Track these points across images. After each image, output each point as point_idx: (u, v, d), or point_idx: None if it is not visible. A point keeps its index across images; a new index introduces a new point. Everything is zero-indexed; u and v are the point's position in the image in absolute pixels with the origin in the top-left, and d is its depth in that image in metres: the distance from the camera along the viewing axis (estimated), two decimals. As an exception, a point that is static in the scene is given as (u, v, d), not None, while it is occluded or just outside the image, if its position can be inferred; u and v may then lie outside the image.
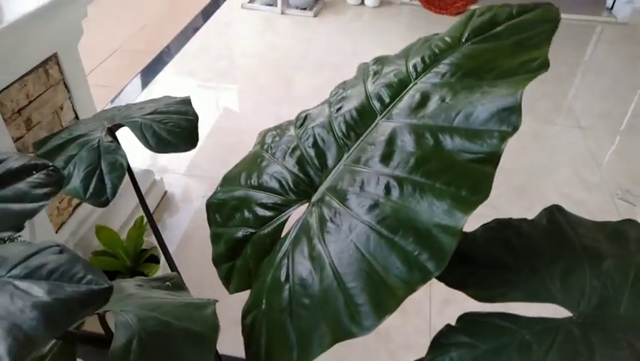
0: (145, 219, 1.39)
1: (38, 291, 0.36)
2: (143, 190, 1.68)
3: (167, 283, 0.73)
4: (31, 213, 0.44)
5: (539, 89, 2.54)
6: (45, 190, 0.46)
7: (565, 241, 0.61)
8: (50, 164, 0.49)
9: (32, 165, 0.48)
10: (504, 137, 0.48)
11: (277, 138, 0.74)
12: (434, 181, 0.50)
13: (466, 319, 0.57)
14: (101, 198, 0.80)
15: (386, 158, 0.56)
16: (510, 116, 0.49)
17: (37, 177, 0.47)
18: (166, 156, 2.07)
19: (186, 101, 0.94)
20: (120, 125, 0.93)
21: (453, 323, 0.56)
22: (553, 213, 0.64)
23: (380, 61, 0.72)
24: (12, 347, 0.32)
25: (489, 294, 0.58)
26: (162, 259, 1.45)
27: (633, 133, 2.30)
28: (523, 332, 0.53)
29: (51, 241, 0.40)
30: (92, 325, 0.63)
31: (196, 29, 3.14)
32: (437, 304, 1.47)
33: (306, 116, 0.73)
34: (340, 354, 1.12)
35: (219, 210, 0.74)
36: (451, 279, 0.60)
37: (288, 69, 2.72)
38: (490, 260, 0.61)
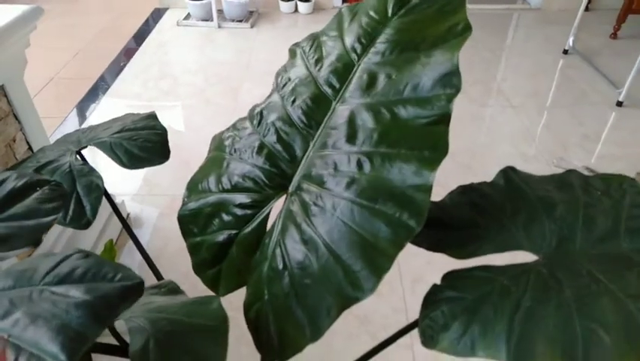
0: (114, 242, 1.37)
1: (76, 293, 0.38)
2: (106, 214, 1.64)
3: (164, 289, 0.74)
4: (46, 227, 0.45)
5: (470, 76, 2.72)
6: (53, 205, 0.48)
7: (522, 195, 0.69)
8: (52, 179, 0.50)
9: (35, 181, 0.49)
10: (450, 98, 0.56)
11: (237, 139, 0.76)
12: (399, 149, 0.56)
13: (450, 276, 0.64)
14: (82, 221, 0.80)
15: (351, 138, 0.61)
16: (451, 79, 0.56)
17: (41, 193, 0.49)
18: (119, 179, 2.03)
19: (152, 116, 0.96)
20: (84, 148, 0.93)
21: (420, 297, 0.62)
22: (508, 173, 0.72)
23: (314, 43, 0.75)
24: (65, 343, 0.34)
25: (465, 251, 0.65)
26: (137, 279, 1.43)
27: (558, 106, 2.52)
28: (500, 279, 0.60)
29: (74, 248, 0.42)
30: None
31: (132, 51, 3.09)
32: (408, 283, 1.55)
33: (261, 112, 0.76)
34: (325, 342, 1.17)
35: (193, 220, 0.74)
36: (429, 243, 0.66)
37: (232, 81, 2.74)
38: (461, 222, 0.68)
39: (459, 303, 0.59)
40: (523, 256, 0.64)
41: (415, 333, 0.72)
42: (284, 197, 0.67)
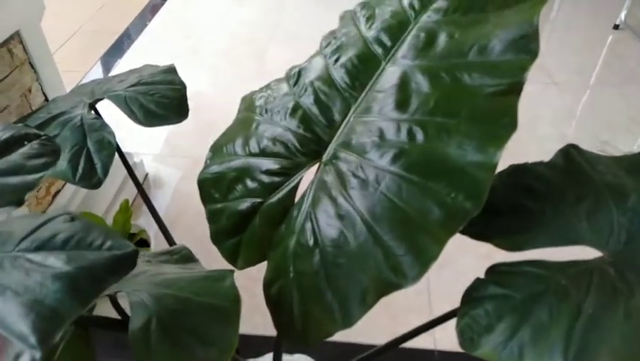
0: (130, 203, 1.33)
1: (55, 262, 0.31)
2: (123, 174, 1.60)
3: (176, 256, 0.68)
4: (31, 186, 0.39)
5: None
6: (42, 160, 0.41)
7: (585, 179, 0.59)
8: (42, 133, 0.44)
9: (22, 135, 0.43)
10: (524, 65, 0.47)
11: (270, 99, 0.69)
12: (459, 120, 0.48)
13: (495, 270, 0.56)
14: (92, 179, 0.74)
15: (402, 103, 0.53)
16: (528, 44, 0.48)
17: (30, 147, 0.42)
18: (139, 137, 1.99)
19: (171, 70, 0.88)
20: (98, 100, 0.86)
21: (449, 282, 0.55)
22: (570, 153, 0.62)
23: (368, 5, 0.68)
24: (37, 324, 0.28)
25: (516, 242, 0.56)
26: (152, 242, 1.39)
27: (605, 85, 2.34)
28: (557, 277, 0.51)
29: (59, 210, 0.36)
30: (101, 309, 0.59)
31: (158, 7, 3.00)
32: (434, 266, 1.48)
33: (299, 72, 0.68)
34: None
35: (216, 184, 0.68)
36: (475, 230, 0.58)
37: (259, 42, 2.63)
38: (512, 207, 0.59)
39: (506, 302, 0.51)
40: (582, 252, 0.56)
41: (436, 315, 0.66)
42: (317, 166, 0.59)
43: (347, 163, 0.54)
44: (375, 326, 1.31)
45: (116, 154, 0.77)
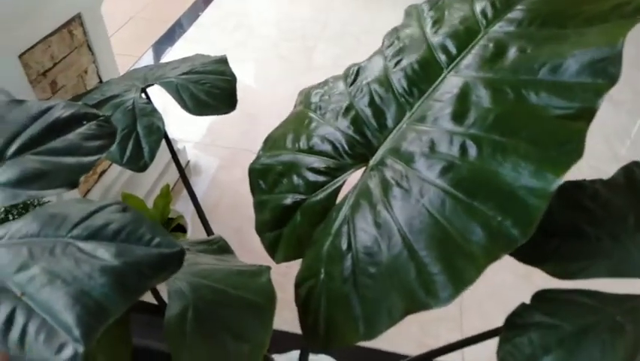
0: (170, 188, 1.35)
1: (105, 254, 0.31)
2: (166, 159, 1.63)
3: (214, 246, 0.68)
4: (86, 168, 0.39)
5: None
6: (99, 143, 0.41)
7: (651, 205, 0.55)
8: (101, 114, 0.44)
9: (82, 114, 0.43)
10: (600, 90, 0.43)
11: (326, 97, 0.68)
12: (518, 140, 0.45)
13: (542, 297, 0.52)
14: (139, 162, 0.75)
15: (459, 115, 0.51)
16: (607, 68, 0.44)
17: (88, 127, 0.42)
18: (183, 124, 2.02)
19: (223, 61, 0.89)
20: (149, 86, 0.87)
21: (483, 296, 0.52)
22: (633, 172, 0.58)
23: (437, 6, 0.65)
24: (82, 317, 0.28)
25: (568, 269, 0.53)
26: (189, 228, 1.41)
27: (666, 107, 2.21)
28: (611, 311, 0.48)
29: (111, 199, 0.36)
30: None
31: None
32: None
33: (357, 71, 0.67)
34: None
35: (263, 176, 0.69)
36: (522, 252, 0.54)
37: (308, 39, 2.63)
38: (565, 229, 0.56)
39: (553, 332, 0.48)
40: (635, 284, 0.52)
41: (465, 331, 0.63)
42: (362, 170, 0.58)
43: (393, 171, 0.52)
44: (402, 334, 1.29)
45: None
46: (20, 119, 0.42)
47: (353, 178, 0.61)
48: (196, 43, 2.61)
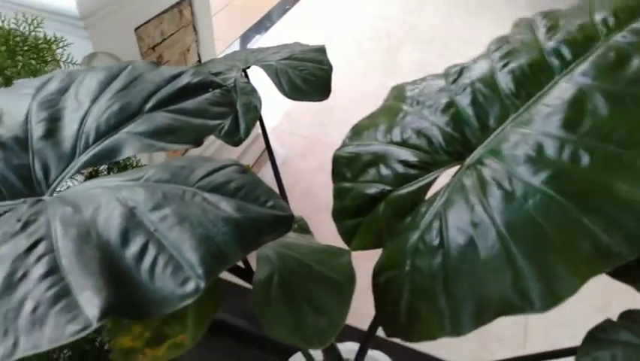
0: (251, 168, 1.40)
1: (227, 207, 0.34)
2: (249, 140, 1.70)
3: (295, 224, 0.71)
4: (211, 130, 0.42)
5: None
6: (222, 109, 0.44)
7: None
8: (224, 84, 0.47)
9: (209, 82, 0.46)
10: None
11: (423, 93, 0.68)
12: (637, 153, 0.44)
13: (630, 316, 0.50)
14: (235, 137, 0.79)
15: (572, 123, 0.49)
16: None
17: (212, 94, 0.46)
18: (263, 111, 2.09)
19: (321, 50, 0.91)
20: (248, 67, 0.91)
21: (551, 323, 0.49)
22: None
23: (551, 15, 0.63)
24: (205, 257, 0.30)
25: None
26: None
27: None
28: None
29: (231, 160, 0.39)
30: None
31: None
32: (535, 301, 1.37)
33: (461, 70, 0.66)
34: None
35: (349, 164, 0.69)
36: (623, 268, 0.52)
37: (393, 40, 2.62)
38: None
39: None
40: None
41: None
42: (456, 167, 0.57)
43: (492, 171, 0.52)
44: (460, 346, 1.26)
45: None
46: (156, 80, 0.46)
47: (443, 176, 0.60)
48: (283, 35, 2.68)
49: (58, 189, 0.42)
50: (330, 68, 0.87)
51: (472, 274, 0.47)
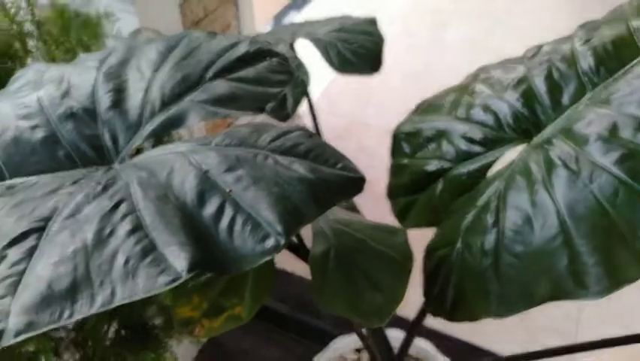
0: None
1: (299, 168, 0.36)
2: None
3: (343, 203, 0.73)
4: (273, 97, 0.45)
5: None
6: (281, 77, 0.47)
7: None
8: (281, 52, 0.49)
9: (266, 50, 0.49)
10: None
11: (499, 72, 0.67)
12: None
13: None
14: (282, 112, 0.82)
15: None
16: None
17: (270, 63, 0.48)
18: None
19: (372, 22, 0.92)
20: (295, 40, 0.93)
21: (607, 315, 0.49)
22: None
23: None
24: (283, 215, 0.33)
25: None
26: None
27: None
28: None
29: (296, 126, 0.41)
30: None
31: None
32: (593, 293, 1.35)
33: (540, 47, 0.66)
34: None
35: (409, 139, 0.69)
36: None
37: (441, 15, 2.57)
38: None
39: None
40: None
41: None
42: (522, 146, 0.57)
43: (560, 151, 0.52)
44: (507, 336, 1.26)
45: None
46: (214, 49, 0.49)
47: (508, 154, 0.60)
48: (321, 12, 2.68)
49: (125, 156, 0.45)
50: (381, 40, 0.88)
51: (525, 255, 0.48)
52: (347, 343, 1.04)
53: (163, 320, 0.98)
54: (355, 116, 1.99)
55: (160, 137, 0.50)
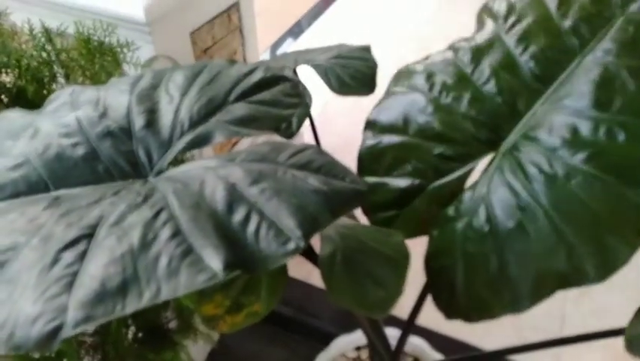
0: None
1: (314, 181, 0.39)
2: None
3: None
4: (286, 118, 0.47)
5: None
6: (294, 100, 0.49)
7: None
8: (292, 78, 0.52)
9: (280, 76, 0.52)
10: None
11: (438, 79, 0.67)
12: None
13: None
14: (288, 130, 0.84)
15: (603, 102, 0.52)
16: None
17: (284, 87, 0.51)
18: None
19: (366, 49, 0.95)
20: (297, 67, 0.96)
21: (588, 314, 0.52)
22: None
23: None
24: (302, 222, 0.35)
25: None
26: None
27: None
28: None
29: (307, 144, 0.43)
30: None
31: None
32: (574, 293, 1.38)
33: (475, 53, 0.66)
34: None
35: (377, 159, 0.70)
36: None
37: (426, 40, 2.63)
38: None
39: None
40: None
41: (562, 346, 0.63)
42: (490, 155, 0.60)
43: (530, 156, 0.54)
44: (495, 333, 1.27)
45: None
46: (234, 75, 0.52)
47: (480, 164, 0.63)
48: (316, 40, 2.73)
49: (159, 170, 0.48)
50: (375, 65, 0.91)
51: (525, 255, 0.51)
52: (347, 342, 1.05)
53: (178, 322, 0.99)
54: (350, 135, 2.02)
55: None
